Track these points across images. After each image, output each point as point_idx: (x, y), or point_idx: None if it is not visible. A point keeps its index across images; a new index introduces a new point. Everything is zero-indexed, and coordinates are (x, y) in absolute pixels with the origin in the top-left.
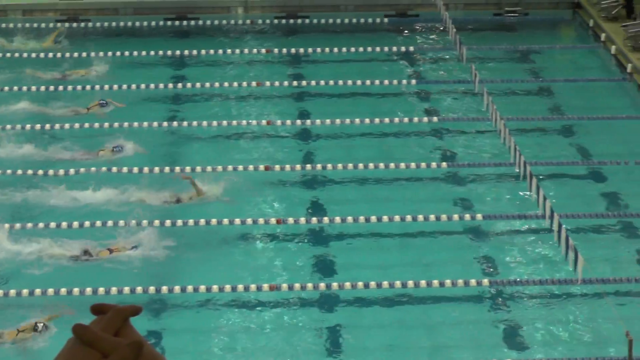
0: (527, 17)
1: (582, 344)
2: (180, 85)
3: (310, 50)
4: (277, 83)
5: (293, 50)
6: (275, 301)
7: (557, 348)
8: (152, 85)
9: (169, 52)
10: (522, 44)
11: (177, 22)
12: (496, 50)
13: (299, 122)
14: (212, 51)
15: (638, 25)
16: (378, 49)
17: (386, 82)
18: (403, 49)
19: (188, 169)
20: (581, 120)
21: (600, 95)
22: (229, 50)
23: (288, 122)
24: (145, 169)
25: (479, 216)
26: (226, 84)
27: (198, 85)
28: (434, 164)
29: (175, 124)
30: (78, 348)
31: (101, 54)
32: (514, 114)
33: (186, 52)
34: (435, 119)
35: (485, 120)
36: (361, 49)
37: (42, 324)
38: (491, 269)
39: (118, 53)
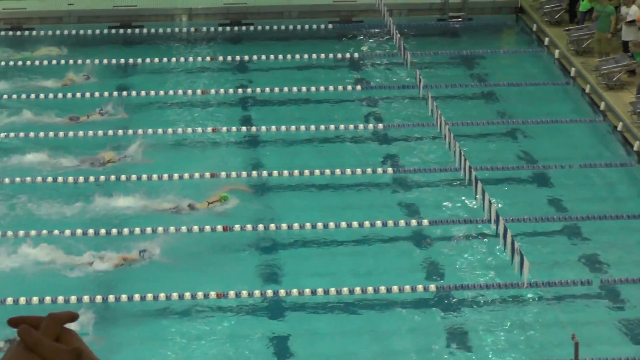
0: (471, 23)
1: (529, 348)
2: (125, 93)
3: (255, 57)
4: (222, 91)
5: (238, 58)
6: (224, 308)
7: (504, 352)
8: (96, 94)
9: (114, 61)
10: (466, 49)
11: (121, 31)
12: (440, 55)
13: (244, 129)
14: (156, 59)
15: (581, 29)
16: (323, 55)
17: (331, 88)
18: (348, 55)
19: (134, 177)
20: (525, 124)
21: (544, 100)
22: (173, 59)
23: (234, 129)
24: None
25: (425, 222)
26: (171, 92)
27: (143, 93)
28: (379, 170)
29: (120, 132)
30: (21, 353)
31: (45, 62)
32: (458, 119)
33: (130, 60)
34: (380, 125)
35: (430, 125)
36: (306, 56)
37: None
38: (438, 274)
39: (62, 62)
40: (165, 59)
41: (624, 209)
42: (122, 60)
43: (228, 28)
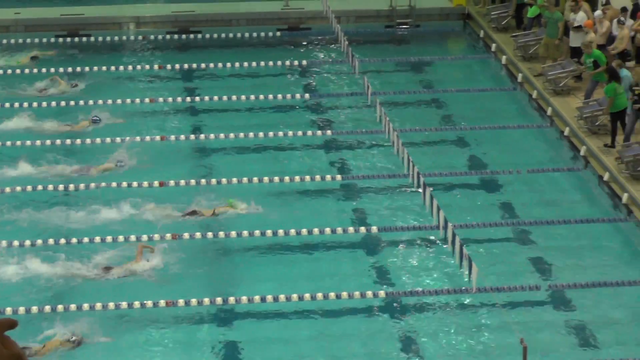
0: (419, 29)
1: (479, 352)
2: (72, 102)
3: (203, 65)
4: (170, 99)
5: (186, 66)
6: (173, 316)
7: (454, 357)
8: (44, 103)
9: (61, 69)
10: (414, 56)
11: (68, 39)
12: (388, 62)
13: (192, 137)
14: (104, 67)
15: (528, 35)
16: (271, 63)
17: (279, 96)
18: (296, 62)
19: (82, 185)
20: (473, 130)
21: (492, 105)
22: (121, 67)
23: (182, 137)
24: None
25: (374, 228)
26: (119, 101)
27: (91, 102)
28: (328, 177)
29: (68, 141)
30: None
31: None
32: (407, 126)
33: (78, 68)
34: (329, 132)
35: (379, 132)
36: (254, 64)
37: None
38: (387, 280)
39: (9, 71)
40: (113, 68)
41: (572, 213)
42: (70, 69)
43: (176, 36)
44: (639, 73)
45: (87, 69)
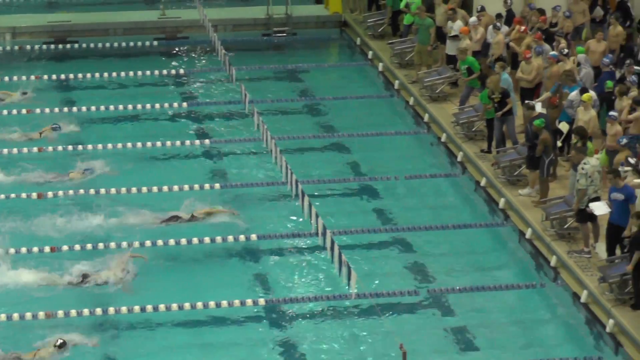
0: (296, 37)
1: (359, 358)
2: None
3: (80, 75)
4: (47, 110)
5: (63, 76)
6: (55, 326)
7: None
8: None
9: None
10: (291, 64)
11: None
12: (265, 70)
13: (70, 148)
14: None
15: (404, 42)
16: (148, 72)
17: (157, 105)
18: (173, 71)
19: (51, 193)
20: (351, 137)
21: (369, 112)
22: None
23: (60, 148)
24: None
25: (253, 236)
26: None
27: None
28: (207, 186)
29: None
30: None
31: None
32: (284, 134)
33: None
34: (207, 141)
35: (257, 140)
36: (131, 73)
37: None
38: (267, 288)
39: None
40: None
41: (450, 219)
42: None
43: (53, 46)
44: (513, 80)
45: None
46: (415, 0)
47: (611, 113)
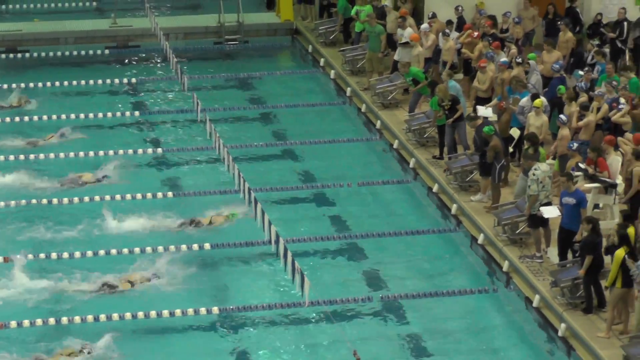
0: (247, 45)
1: None
2: None
3: (31, 84)
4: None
5: (14, 85)
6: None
7: None
8: None
9: None
10: (243, 72)
11: None
12: (217, 78)
13: (22, 157)
14: None
15: (355, 49)
16: (100, 81)
17: (109, 114)
18: (125, 80)
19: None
20: (304, 144)
21: (322, 119)
22: None
23: (11, 157)
24: None
25: (206, 245)
26: None
27: None
28: (160, 194)
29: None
30: None
31: None
32: (237, 142)
33: None
34: (159, 149)
35: (210, 149)
36: (83, 82)
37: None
38: (222, 297)
39: None
40: None
41: (403, 225)
42: None
43: (3, 55)
44: (465, 86)
45: None
46: (364, 7)
47: (561, 116)
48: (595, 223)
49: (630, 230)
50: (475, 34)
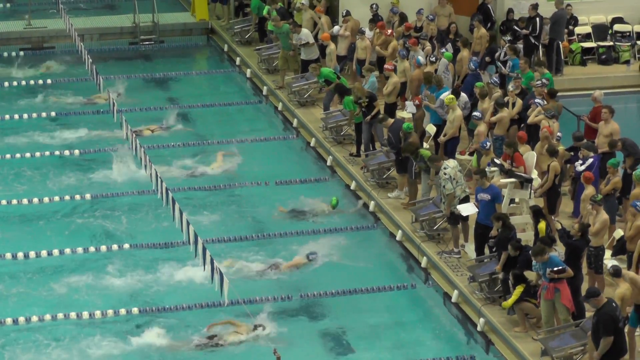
0: (163, 45)
1: None
2: None
3: None
4: None
5: None
6: None
7: None
8: None
9: None
10: (159, 72)
11: None
12: (134, 79)
13: None
14: None
15: (270, 48)
16: (15, 83)
17: (25, 116)
18: (40, 81)
19: None
20: (221, 144)
21: (239, 118)
22: None
23: None
24: None
25: (126, 246)
26: None
27: None
28: (77, 197)
29: None
30: None
31: None
32: (154, 142)
33: None
34: (76, 151)
35: (126, 149)
36: None
37: None
38: (141, 298)
39: None
40: None
41: (321, 223)
42: None
43: None
44: (382, 82)
45: None
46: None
47: (475, 113)
48: (505, 219)
49: (541, 225)
50: (389, 31)
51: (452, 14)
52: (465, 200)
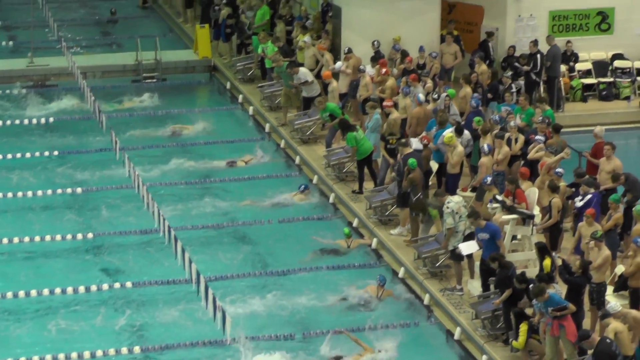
0: (166, 83)
1: None
2: None
3: None
4: None
5: None
6: None
7: None
8: None
9: None
10: (162, 109)
11: None
12: (136, 116)
13: None
14: None
15: (273, 85)
16: (17, 121)
17: (28, 154)
18: (43, 120)
19: None
20: (223, 182)
21: (241, 156)
22: None
23: None
24: None
25: (128, 284)
26: None
27: None
28: (79, 236)
29: None
30: None
31: None
32: (156, 180)
33: None
34: (79, 189)
35: (129, 187)
36: (0, 122)
37: None
38: (142, 336)
39: None
40: None
41: (325, 260)
42: None
43: None
44: (383, 119)
45: None
46: (267, 44)
47: (484, 145)
48: (500, 259)
49: (546, 262)
50: (384, 70)
51: (458, 52)
52: (470, 237)
